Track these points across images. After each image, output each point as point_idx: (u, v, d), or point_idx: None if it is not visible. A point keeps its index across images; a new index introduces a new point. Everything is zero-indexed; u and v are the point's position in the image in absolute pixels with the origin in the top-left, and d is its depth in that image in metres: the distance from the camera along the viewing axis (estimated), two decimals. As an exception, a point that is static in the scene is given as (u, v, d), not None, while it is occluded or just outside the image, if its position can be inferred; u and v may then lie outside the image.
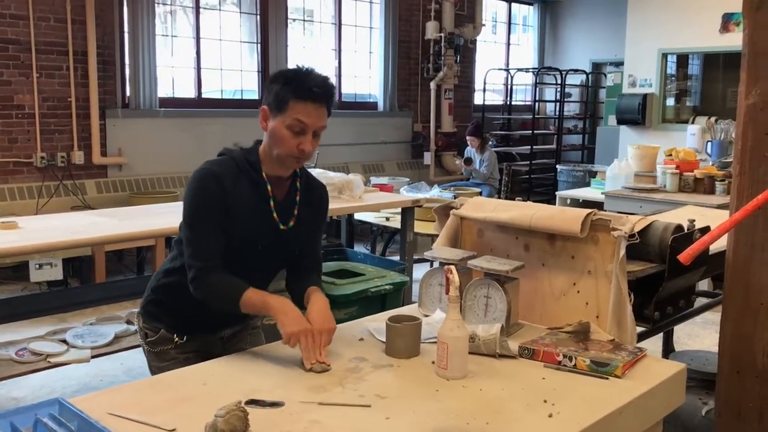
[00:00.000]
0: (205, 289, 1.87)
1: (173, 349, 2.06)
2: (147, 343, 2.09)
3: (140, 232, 3.39)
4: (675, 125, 8.72)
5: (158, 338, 2.07)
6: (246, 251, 1.93)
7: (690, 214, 2.53)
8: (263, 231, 1.94)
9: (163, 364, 2.04)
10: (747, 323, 2.00)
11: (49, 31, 5.97)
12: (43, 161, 5.99)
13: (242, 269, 1.91)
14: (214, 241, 1.87)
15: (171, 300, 2.04)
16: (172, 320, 2.06)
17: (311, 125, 1.84)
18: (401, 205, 4.71)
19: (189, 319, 2.03)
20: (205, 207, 1.86)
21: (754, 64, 1.96)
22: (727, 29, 7.88)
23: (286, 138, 1.84)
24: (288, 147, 1.85)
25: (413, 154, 9.17)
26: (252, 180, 1.91)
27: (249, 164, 1.91)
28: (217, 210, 1.86)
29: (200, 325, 2.06)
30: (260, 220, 1.92)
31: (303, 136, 1.84)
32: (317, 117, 1.85)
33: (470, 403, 1.55)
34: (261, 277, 2.02)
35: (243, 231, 1.90)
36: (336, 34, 8.55)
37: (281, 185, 1.97)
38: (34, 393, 3.73)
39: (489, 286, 1.98)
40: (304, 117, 1.82)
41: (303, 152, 1.86)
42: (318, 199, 2.07)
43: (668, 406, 1.78)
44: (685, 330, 4.62)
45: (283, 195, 1.97)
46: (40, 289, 5.29)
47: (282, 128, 1.84)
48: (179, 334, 2.06)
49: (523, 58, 11.33)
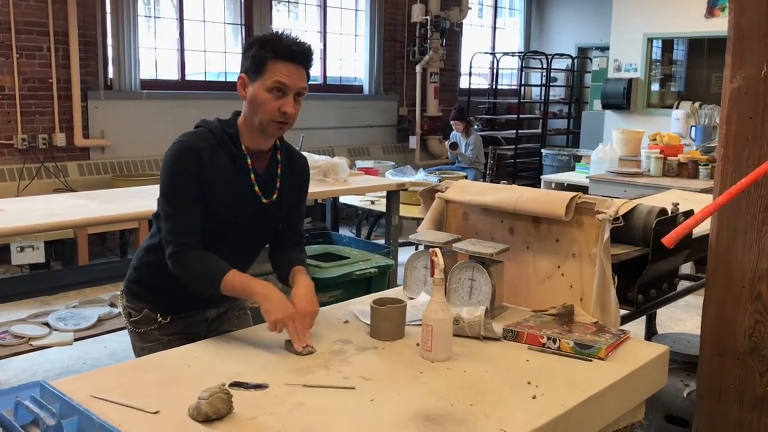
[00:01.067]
0: (183, 267, 1.84)
1: (157, 329, 2.03)
2: (130, 323, 2.06)
3: (123, 214, 3.36)
4: (660, 110, 8.75)
5: (141, 318, 2.03)
6: (225, 226, 1.90)
7: (674, 198, 2.55)
8: (243, 205, 1.90)
9: (147, 345, 2.02)
10: (729, 306, 2.02)
11: (28, 11, 5.87)
12: (24, 143, 5.92)
13: (223, 245, 1.89)
14: (192, 217, 1.84)
15: (153, 278, 2.01)
16: (155, 299, 2.03)
17: (292, 86, 1.81)
18: (386, 189, 4.70)
19: (172, 298, 2.00)
20: (183, 181, 1.83)
21: (740, 48, 1.97)
22: (712, 14, 7.90)
23: (267, 101, 1.81)
24: (269, 110, 1.82)
25: (399, 138, 9.14)
26: (231, 153, 1.87)
27: (228, 136, 1.88)
28: (196, 184, 1.82)
29: (184, 305, 2.03)
30: (240, 194, 1.89)
31: (284, 97, 1.81)
32: (297, 77, 1.82)
33: (454, 385, 1.56)
34: (243, 253, 2.00)
35: (222, 205, 1.86)
36: (321, 17, 8.48)
37: (261, 158, 1.94)
38: (16, 376, 3.71)
39: (474, 269, 1.98)
40: (284, 77, 1.79)
41: (285, 115, 1.82)
42: (300, 170, 2.04)
43: (651, 387, 1.80)
44: (668, 313, 4.66)
45: (263, 168, 1.94)
46: (22, 271, 5.24)
47: (262, 92, 1.81)
48: (163, 313, 2.02)
49: (509, 42, 11.30)
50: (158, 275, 1.94)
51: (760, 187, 1.93)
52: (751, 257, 1.97)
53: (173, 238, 1.84)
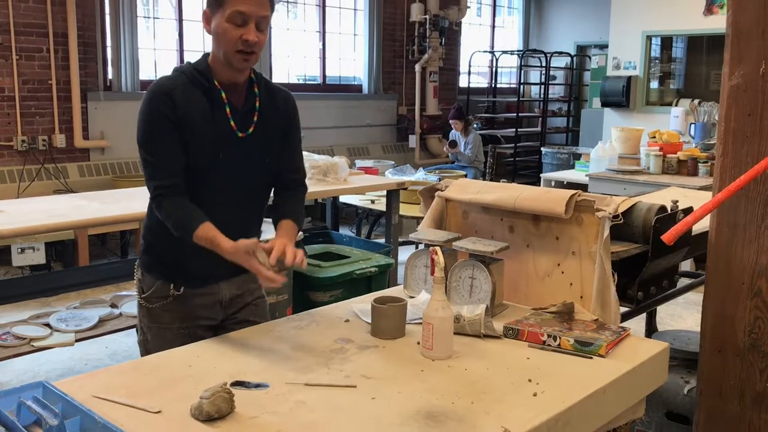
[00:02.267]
0: (163, 210, 1.82)
1: (168, 309, 1.96)
2: (142, 297, 2.00)
3: (123, 215, 3.36)
4: (659, 108, 8.76)
5: (154, 290, 1.98)
6: (209, 164, 1.87)
7: (673, 195, 2.55)
8: (222, 141, 1.88)
9: (154, 326, 1.97)
10: (729, 302, 2.02)
11: (28, 13, 5.87)
12: (24, 144, 5.92)
13: (210, 188, 1.88)
14: (171, 160, 1.82)
15: (159, 241, 1.95)
16: (167, 269, 1.97)
17: (251, 13, 1.80)
18: (386, 188, 4.71)
19: (182, 262, 1.93)
20: (157, 124, 1.81)
21: (738, 45, 1.97)
22: (710, 11, 7.89)
23: (228, 31, 1.81)
24: (230, 40, 1.81)
25: (398, 137, 9.15)
26: (204, 89, 1.86)
27: (198, 73, 1.87)
28: (171, 127, 1.81)
29: (196, 270, 1.94)
30: (217, 128, 1.87)
31: (245, 27, 1.80)
32: (257, 5, 1.81)
33: (455, 383, 1.56)
34: (234, 200, 1.94)
35: (201, 142, 1.84)
36: (320, 16, 8.48)
37: (237, 92, 1.92)
38: (17, 377, 3.72)
39: (474, 267, 1.98)
40: (242, 6, 1.79)
41: (247, 43, 1.81)
42: (284, 104, 2.01)
43: (651, 384, 1.80)
44: (668, 310, 4.67)
45: (241, 102, 1.92)
46: (23, 273, 5.24)
47: (222, 22, 1.81)
48: (176, 283, 1.96)
49: (508, 40, 11.31)
50: (162, 236, 1.89)
51: (759, 184, 1.94)
52: (750, 254, 1.98)
53: (152, 181, 1.83)
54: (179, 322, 1.98)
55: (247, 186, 1.97)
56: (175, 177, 1.83)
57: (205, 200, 1.87)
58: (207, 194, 1.88)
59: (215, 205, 1.88)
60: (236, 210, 1.95)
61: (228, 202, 1.91)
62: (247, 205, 2.00)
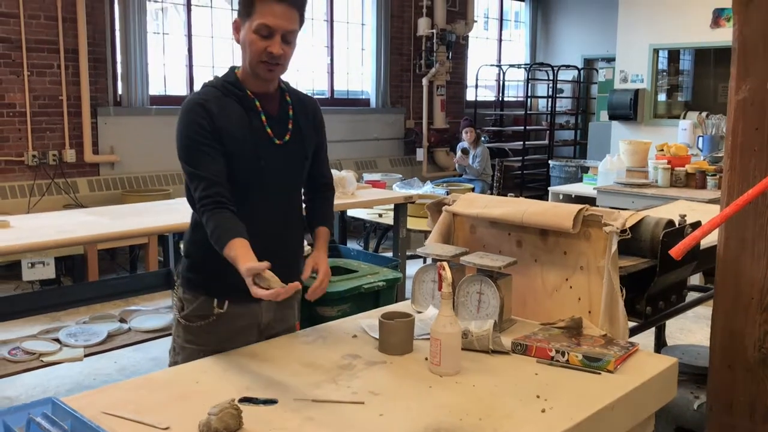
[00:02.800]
0: (205, 223, 1.80)
1: (208, 330, 1.94)
2: (183, 316, 1.98)
3: (133, 230, 3.38)
4: (666, 120, 8.75)
5: (197, 307, 1.95)
6: (250, 172, 1.88)
7: (681, 209, 2.54)
8: (261, 147, 1.89)
9: (189, 346, 1.94)
10: (738, 317, 2.01)
11: (39, 29, 5.94)
12: (35, 160, 5.97)
13: (253, 198, 1.88)
14: (214, 169, 1.82)
15: (204, 256, 1.92)
16: (211, 283, 1.94)
17: (278, 27, 1.81)
18: (394, 202, 4.71)
19: (226, 273, 1.80)
20: (196, 136, 1.83)
21: (744, 60, 1.97)
22: (717, 24, 7.90)
23: (254, 42, 1.82)
24: (256, 51, 1.82)
25: (406, 151, 9.17)
26: (238, 98, 1.88)
27: (230, 84, 1.89)
28: (210, 138, 1.82)
29: (240, 282, 1.72)
30: (255, 135, 1.88)
31: (271, 39, 1.81)
32: (284, 18, 1.81)
33: (463, 399, 1.56)
34: (276, 209, 1.95)
35: (242, 148, 1.85)
36: (328, 31, 8.54)
37: (270, 100, 1.94)
38: (27, 392, 3.73)
39: (482, 283, 1.98)
40: (269, 19, 1.80)
41: (272, 55, 1.82)
42: (313, 112, 2.05)
43: (660, 400, 1.79)
44: (677, 324, 4.64)
45: (276, 110, 1.94)
46: (33, 288, 5.27)
47: (250, 33, 1.82)
48: (219, 299, 1.93)
49: (515, 54, 11.34)
50: (206, 248, 1.85)
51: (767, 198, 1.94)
52: (759, 268, 1.97)
53: (197, 194, 1.82)
54: (215, 344, 1.92)
55: (288, 191, 2.00)
56: (218, 186, 1.82)
57: (250, 209, 1.87)
58: (252, 202, 1.89)
59: (260, 212, 1.90)
60: (280, 215, 1.96)
61: (271, 208, 1.92)
62: (289, 210, 2.02)
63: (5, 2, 5.73)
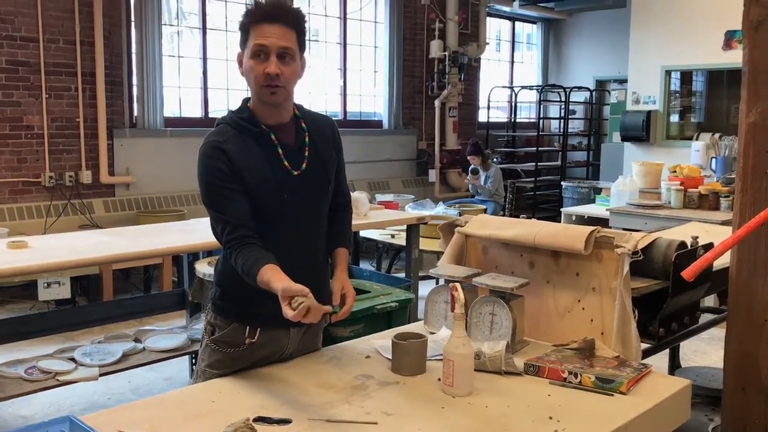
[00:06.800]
0: (235, 264, 1.81)
1: (236, 357, 1.93)
2: (212, 340, 1.96)
3: (148, 251, 3.41)
4: (679, 142, 8.73)
5: (227, 333, 1.94)
6: (275, 206, 1.89)
7: (694, 231, 2.55)
8: (281, 180, 1.89)
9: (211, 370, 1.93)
10: (751, 340, 2.01)
11: (58, 53, 6.04)
12: (52, 181, 6.04)
13: (279, 230, 1.88)
14: (237, 211, 1.83)
15: (236, 286, 1.90)
16: (245, 310, 1.94)
17: (271, 45, 1.81)
18: (406, 223, 4.73)
19: (260, 303, 1.84)
20: (217, 180, 1.84)
21: (755, 83, 1.99)
22: (729, 46, 7.90)
23: (253, 67, 1.83)
24: (256, 76, 1.83)
25: (418, 172, 9.20)
26: (254, 134, 1.89)
27: (243, 120, 1.89)
28: (231, 179, 1.83)
29: (273, 307, 1.70)
30: (275, 170, 1.88)
31: (267, 60, 1.82)
32: (276, 36, 1.81)
33: (476, 420, 1.56)
34: (303, 236, 1.95)
35: (264, 186, 1.86)
36: (341, 54, 8.62)
37: (287, 131, 1.94)
38: (42, 411, 3.75)
39: (494, 304, 1.99)
40: (261, 39, 1.81)
41: (269, 75, 1.82)
42: (331, 133, 2.03)
43: (673, 422, 1.79)
44: (692, 346, 4.60)
45: (293, 140, 1.94)
46: (48, 307, 5.31)
47: (248, 60, 1.84)
48: (252, 327, 1.92)
49: (527, 75, 11.38)
50: (239, 279, 1.84)
51: (780, 220, 1.94)
52: (772, 290, 1.97)
53: (223, 237, 1.84)
54: (237, 369, 1.93)
55: (313, 218, 2.00)
56: (243, 229, 1.83)
57: (277, 239, 1.88)
58: (278, 233, 1.90)
59: (287, 241, 1.90)
60: (306, 243, 1.97)
61: (298, 236, 1.93)
62: (315, 236, 2.02)
63: (25, 26, 5.84)
